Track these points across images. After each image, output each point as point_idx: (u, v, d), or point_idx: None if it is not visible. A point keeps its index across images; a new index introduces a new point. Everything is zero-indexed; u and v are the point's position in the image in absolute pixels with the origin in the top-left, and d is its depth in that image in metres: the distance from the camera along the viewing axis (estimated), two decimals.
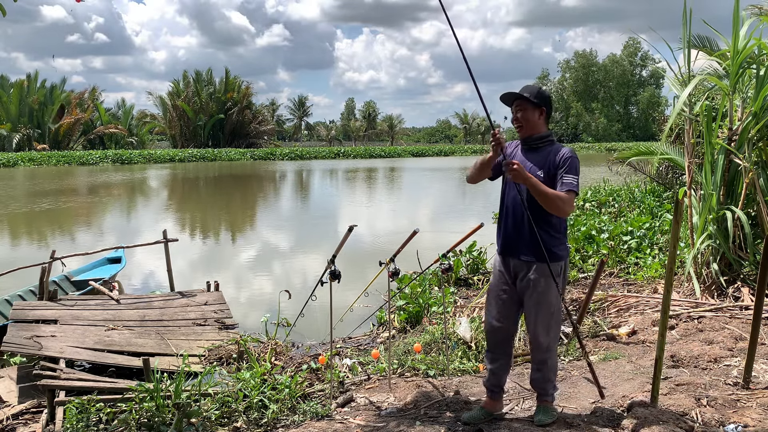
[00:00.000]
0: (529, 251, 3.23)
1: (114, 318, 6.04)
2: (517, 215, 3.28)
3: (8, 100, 54.63)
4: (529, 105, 3.27)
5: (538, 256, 3.19)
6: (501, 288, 3.36)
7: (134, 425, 3.63)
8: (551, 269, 3.17)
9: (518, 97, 3.30)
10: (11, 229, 14.95)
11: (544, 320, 3.28)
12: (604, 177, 17.60)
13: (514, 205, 3.27)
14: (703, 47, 6.71)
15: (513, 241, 3.29)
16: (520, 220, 3.26)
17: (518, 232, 3.27)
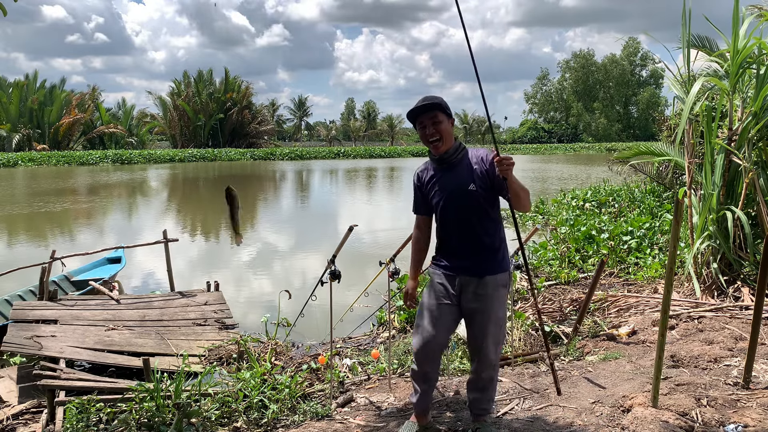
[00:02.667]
0: (479, 264, 3.02)
1: (114, 318, 6.04)
2: (464, 228, 3.02)
3: (8, 100, 54.63)
4: (444, 115, 3.01)
5: (489, 269, 3.01)
6: (441, 302, 3.08)
7: (134, 425, 3.63)
8: (501, 281, 3.03)
9: (433, 108, 2.99)
10: (11, 229, 14.95)
11: (495, 335, 3.06)
12: (604, 177, 17.62)
13: (460, 217, 3.01)
14: (703, 47, 6.71)
15: (461, 256, 3.05)
16: (468, 233, 3.02)
17: (467, 246, 3.04)
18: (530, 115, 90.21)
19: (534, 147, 72.38)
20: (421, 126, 3.03)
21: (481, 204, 2.99)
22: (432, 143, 3.01)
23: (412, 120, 3.09)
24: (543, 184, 26.39)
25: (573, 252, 8.73)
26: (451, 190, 3.03)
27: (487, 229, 3.02)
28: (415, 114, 3.04)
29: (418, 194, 3.20)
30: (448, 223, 3.06)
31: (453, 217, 3.04)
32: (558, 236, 10.05)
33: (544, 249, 8.97)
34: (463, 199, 3.00)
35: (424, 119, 3.02)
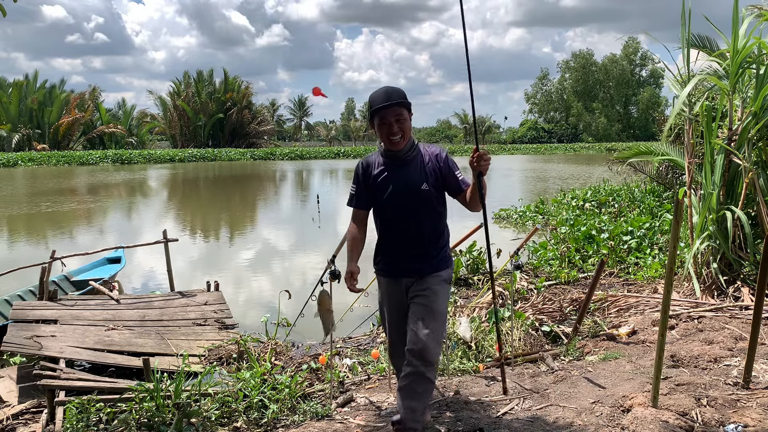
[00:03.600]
0: (424, 263, 2.97)
1: (114, 318, 6.04)
2: (412, 227, 2.96)
3: (8, 100, 54.63)
4: (408, 112, 2.91)
5: (433, 266, 2.97)
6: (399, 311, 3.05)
7: (134, 425, 3.63)
8: (444, 276, 3.00)
9: (398, 104, 2.85)
10: (11, 229, 14.95)
11: (438, 332, 2.92)
12: (604, 177, 17.61)
13: (410, 215, 2.94)
14: (703, 47, 6.71)
15: (406, 256, 2.98)
16: (415, 232, 2.96)
17: (413, 245, 2.97)
18: (530, 115, 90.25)
19: (534, 147, 72.37)
20: (384, 122, 2.87)
21: (432, 203, 2.95)
22: (392, 140, 2.89)
23: (372, 113, 2.89)
24: (545, 183, 26.40)
25: (573, 252, 8.73)
26: (402, 188, 2.93)
27: (435, 228, 3.00)
28: (378, 109, 2.86)
29: (361, 187, 3.05)
30: (396, 222, 2.98)
31: (401, 216, 2.95)
32: (558, 236, 10.05)
33: (544, 249, 8.97)
34: (414, 198, 2.92)
35: (387, 115, 2.85)
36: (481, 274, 8.13)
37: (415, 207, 2.93)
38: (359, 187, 3.06)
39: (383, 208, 3.00)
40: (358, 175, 3.07)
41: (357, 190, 3.08)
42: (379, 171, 2.99)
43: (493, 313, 3.62)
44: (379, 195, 2.98)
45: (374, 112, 2.88)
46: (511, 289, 5.18)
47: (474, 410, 3.67)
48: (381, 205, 3.00)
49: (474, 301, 6.30)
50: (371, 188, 3.01)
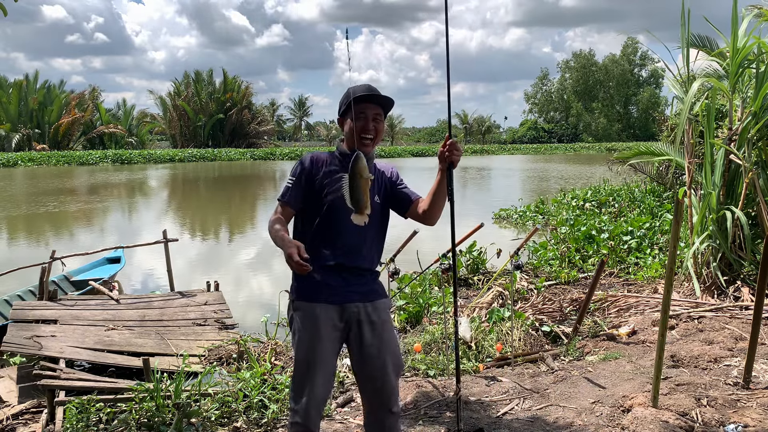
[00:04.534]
0: (370, 286, 2.60)
1: (114, 318, 6.04)
2: (355, 241, 2.55)
3: (8, 100, 54.64)
4: (384, 115, 2.66)
5: (380, 290, 2.63)
6: (329, 346, 2.51)
7: (134, 425, 3.63)
8: (388, 305, 2.67)
9: (382, 104, 2.62)
10: (11, 229, 14.95)
11: (397, 369, 2.61)
12: (604, 177, 17.62)
13: (355, 229, 2.50)
14: (703, 47, 6.71)
15: (349, 277, 2.55)
16: (359, 247, 2.57)
17: (357, 263, 2.57)
18: (530, 115, 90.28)
19: (534, 147, 72.39)
20: (361, 116, 2.57)
21: (380, 218, 2.65)
22: (364, 140, 2.57)
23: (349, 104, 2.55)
24: (547, 183, 26.40)
25: (573, 252, 8.73)
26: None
27: (377, 247, 2.66)
28: (360, 100, 2.56)
29: (300, 182, 2.57)
30: (338, 234, 2.54)
31: (350, 228, 2.49)
32: (558, 236, 10.05)
33: (544, 249, 8.97)
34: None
35: (366, 109, 2.58)
36: (481, 274, 8.13)
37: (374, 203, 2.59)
38: (298, 180, 2.58)
39: (325, 213, 2.56)
40: (303, 167, 2.60)
41: (295, 184, 2.59)
42: (331, 171, 2.58)
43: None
44: (325, 196, 2.55)
45: (352, 102, 2.54)
46: (511, 289, 5.17)
47: (474, 410, 3.67)
48: (322, 209, 2.55)
49: (474, 301, 6.30)
50: (314, 187, 2.56)
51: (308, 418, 2.46)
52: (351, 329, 2.54)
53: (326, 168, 2.59)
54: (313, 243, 2.53)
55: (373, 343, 2.54)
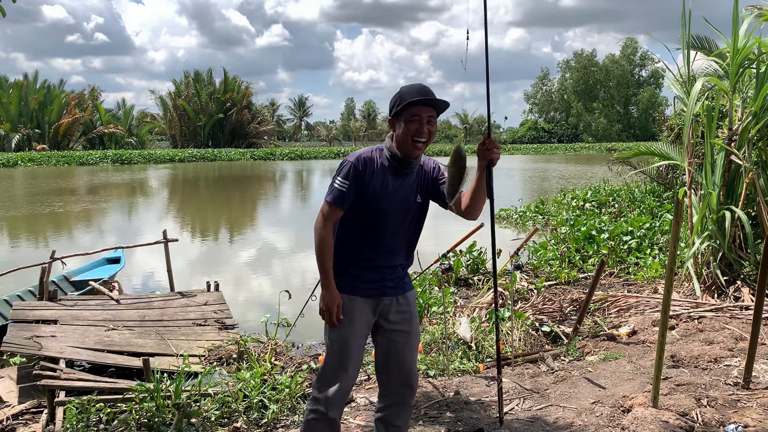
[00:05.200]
0: (402, 279, 2.73)
1: (114, 318, 6.04)
2: (398, 241, 2.67)
3: (8, 100, 54.64)
4: (437, 116, 2.61)
5: (408, 283, 2.77)
6: (361, 338, 2.66)
7: (134, 425, 3.63)
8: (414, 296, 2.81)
9: (438, 107, 2.58)
10: (11, 229, 14.95)
11: (416, 356, 2.79)
12: (604, 177, 17.61)
13: (399, 229, 2.64)
14: (702, 48, 6.71)
15: (386, 272, 2.66)
16: (399, 248, 2.68)
17: (396, 260, 2.68)
18: (530, 115, 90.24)
19: (534, 147, 72.40)
20: (414, 118, 2.53)
21: (419, 217, 2.72)
22: (417, 143, 2.54)
23: (404, 105, 2.52)
24: (547, 183, 26.40)
25: (573, 252, 8.73)
26: (400, 198, 2.62)
27: (413, 244, 2.77)
28: (417, 103, 2.52)
29: (354, 184, 2.54)
30: (382, 237, 2.62)
31: (391, 230, 2.62)
32: (558, 236, 10.05)
33: (544, 249, 8.97)
34: (408, 211, 2.65)
35: (421, 111, 2.53)
36: (481, 274, 8.13)
37: (406, 220, 2.68)
38: (351, 183, 2.55)
39: (373, 217, 2.61)
40: (355, 169, 2.56)
41: (348, 187, 2.55)
42: (382, 174, 2.59)
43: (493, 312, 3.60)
44: (374, 201, 2.58)
45: (408, 104, 2.51)
46: (511, 289, 5.17)
47: (474, 410, 3.67)
48: (372, 213, 2.59)
49: (474, 301, 6.30)
50: (366, 190, 2.57)
51: (332, 406, 2.60)
52: (381, 317, 2.68)
53: (378, 172, 2.59)
54: (355, 242, 2.63)
55: (403, 329, 2.69)
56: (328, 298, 2.57)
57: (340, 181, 2.55)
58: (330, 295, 2.57)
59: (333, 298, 2.57)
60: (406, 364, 2.70)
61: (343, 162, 2.60)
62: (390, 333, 2.69)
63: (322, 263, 2.58)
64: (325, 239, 2.58)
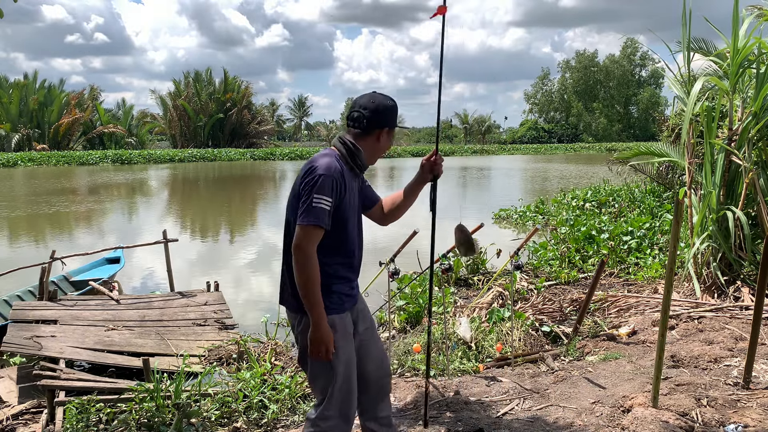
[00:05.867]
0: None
1: (114, 318, 6.04)
2: (361, 252, 2.66)
3: (8, 100, 54.63)
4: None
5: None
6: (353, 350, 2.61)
7: (134, 425, 3.63)
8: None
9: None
10: (11, 229, 14.95)
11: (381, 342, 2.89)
12: (604, 177, 17.61)
13: (360, 237, 2.64)
14: (700, 49, 6.71)
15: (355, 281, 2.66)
16: (361, 244, 2.67)
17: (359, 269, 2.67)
18: (530, 115, 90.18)
19: (534, 147, 72.38)
20: (391, 138, 2.61)
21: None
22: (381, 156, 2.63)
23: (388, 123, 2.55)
24: (547, 183, 26.40)
25: (573, 252, 8.73)
26: (358, 205, 2.62)
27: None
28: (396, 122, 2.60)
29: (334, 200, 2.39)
30: (354, 242, 2.57)
31: (358, 241, 2.61)
32: (558, 236, 10.05)
33: (544, 249, 8.97)
34: (360, 214, 2.66)
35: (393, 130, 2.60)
36: (481, 274, 8.13)
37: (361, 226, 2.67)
38: (333, 199, 2.38)
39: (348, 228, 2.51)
40: (338, 183, 2.39)
41: (330, 204, 2.37)
42: (349, 185, 2.49)
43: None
44: (346, 212, 2.48)
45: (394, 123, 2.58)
46: (511, 289, 5.17)
47: (474, 410, 3.67)
48: (344, 225, 2.49)
49: (474, 301, 6.30)
50: (340, 205, 2.45)
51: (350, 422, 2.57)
52: (354, 324, 2.62)
53: (348, 184, 2.48)
54: (333, 256, 2.48)
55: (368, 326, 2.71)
56: (323, 334, 2.37)
57: (324, 199, 2.34)
58: (326, 330, 2.38)
59: (329, 333, 2.40)
60: (379, 354, 2.74)
61: (316, 177, 2.36)
62: (361, 334, 2.66)
63: (315, 295, 2.35)
64: (312, 266, 2.34)
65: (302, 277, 2.34)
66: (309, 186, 2.35)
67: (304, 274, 2.34)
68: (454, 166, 41.76)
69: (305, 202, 2.34)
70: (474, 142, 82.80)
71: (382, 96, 2.56)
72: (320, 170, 2.37)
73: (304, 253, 2.33)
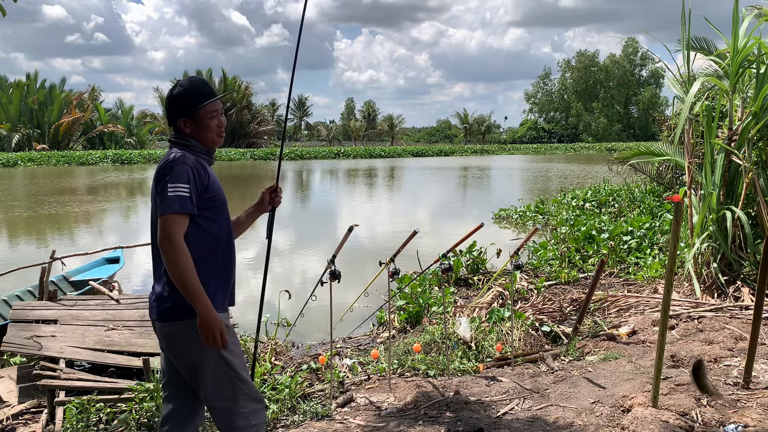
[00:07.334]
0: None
1: (114, 318, 6.03)
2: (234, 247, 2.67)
3: (8, 100, 54.62)
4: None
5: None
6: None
7: (134, 425, 3.63)
8: None
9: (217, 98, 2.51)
10: (11, 229, 14.95)
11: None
12: (604, 177, 17.61)
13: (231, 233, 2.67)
14: (701, 49, 6.71)
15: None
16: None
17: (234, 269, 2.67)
18: (530, 115, 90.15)
19: (534, 147, 72.39)
20: (215, 113, 2.48)
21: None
22: (221, 136, 2.53)
23: (197, 102, 2.41)
24: (547, 183, 26.41)
25: (573, 252, 8.73)
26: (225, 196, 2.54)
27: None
28: (211, 96, 2.45)
29: (196, 186, 2.34)
30: (227, 241, 2.60)
31: (229, 234, 2.59)
32: (558, 236, 10.05)
33: (544, 249, 8.97)
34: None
35: (217, 105, 2.50)
36: (481, 274, 8.13)
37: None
38: (193, 184, 2.32)
39: (219, 221, 2.50)
40: (193, 170, 2.33)
41: (191, 189, 2.31)
42: (209, 172, 2.44)
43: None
44: (214, 201, 2.45)
45: (207, 98, 2.44)
46: (511, 289, 5.17)
47: (474, 410, 3.67)
48: (215, 216, 2.47)
49: (474, 301, 6.30)
50: (207, 193, 2.41)
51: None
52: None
53: (206, 170, 2.46)
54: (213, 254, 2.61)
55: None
56: (213, 319, 2.38)
57: (181, 187, 2.29)
58: (214, 316, 2.40)
59: (218, 318, 2.43)
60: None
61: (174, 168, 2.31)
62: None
63: (193, 281, 2.32)
64: (183, 254, 2.31)
65: (178, 266, 2.34)
66: (164, 177, 2.34)
67: (179, 263, 2.34)
68: (455, 166, 41.75)
69: (162, 191, 2.36)
70: (474, 142, 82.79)
71: (172, 87, 2.50)
72: (176, 162, 2.35)
73: (176, 242, 2.33)
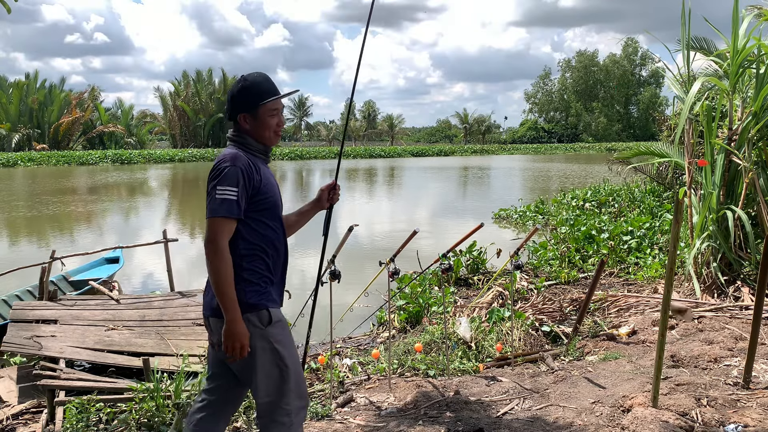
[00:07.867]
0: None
1: (114, 318, 6.03)
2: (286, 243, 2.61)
3: (8, 100, 54.62)
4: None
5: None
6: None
7: (134, 425, 3.63)
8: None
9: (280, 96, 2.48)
10: (11, 229, 14.95)
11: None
12: (604, 177, 17.61)
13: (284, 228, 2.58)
14: (701, 48, 6.71)
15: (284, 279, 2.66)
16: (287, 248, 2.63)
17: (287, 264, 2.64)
18: (530, 115, 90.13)
19: (534, 147, 72.39)
20: (275, 112, 2.46)
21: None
22: (279, 134, 2.51)
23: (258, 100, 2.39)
24: (547, 183, 26.40)
25: (573, 252, 8.73)
26: (279, 194, 2.54)
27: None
28: (273, 94, 2.43)
29: (246, 189, 2.32)
30: (281, 237, 2.52)
31: (281, 234, 2.53)
32: (558, 236, 10.05)
33: (544, 249, 8.97)
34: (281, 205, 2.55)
35: (278, 103, 2.47)
36: (481, 273, 8.13)
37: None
38: (242, 188, 2.31)
39: (271, 219, 2.46)
40: (244, 172, 2.31)
41: (240, 193, 2.30)
42: (262, 172, 2.43)
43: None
44: (266, 201, 2.42)
45: (270, 95, 2.42)
46: (511, 289, 5.17)
47: (474, 410, 3.67)
48: (267, 215, 2.43)
49: (474, 301, 6.30)
50: (258, 194, 2.38)
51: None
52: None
53: (259, 169, 2.44)
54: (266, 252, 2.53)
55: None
56: (240, 332, 2.37)
57: (229, 190, 2.29)
58: (242, 328, 2.38)
59: (244, 331, 2.40)
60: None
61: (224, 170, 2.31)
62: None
63: (227, 290, 2.37)
64: (224, 260, 2.34)
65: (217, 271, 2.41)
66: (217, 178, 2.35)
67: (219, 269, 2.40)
68: (454, 166, 41.74)
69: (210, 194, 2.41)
70: (474, 142, 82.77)
71: (236, 82, 2.48)
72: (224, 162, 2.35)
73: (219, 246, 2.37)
